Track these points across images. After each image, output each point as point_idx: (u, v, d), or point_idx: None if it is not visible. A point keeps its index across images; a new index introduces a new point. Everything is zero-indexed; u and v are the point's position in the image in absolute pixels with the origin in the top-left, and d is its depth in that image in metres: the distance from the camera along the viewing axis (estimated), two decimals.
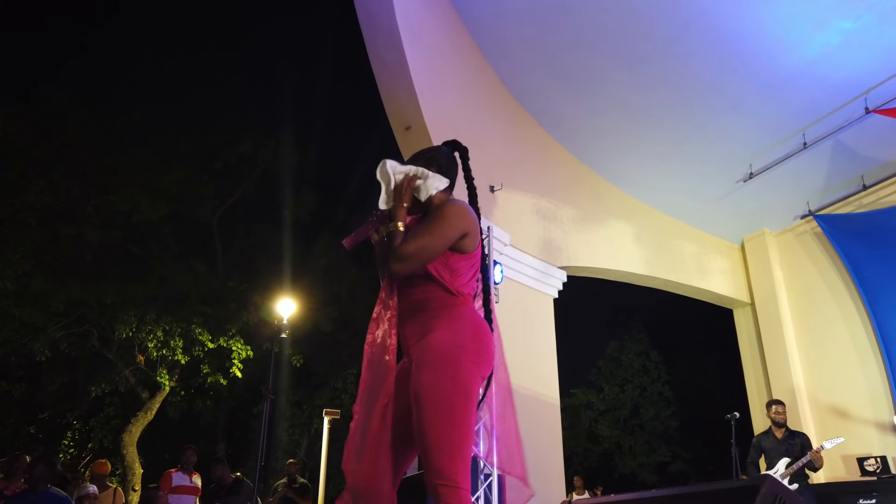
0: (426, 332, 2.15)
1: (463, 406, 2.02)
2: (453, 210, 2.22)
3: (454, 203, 2.26)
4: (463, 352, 2.10)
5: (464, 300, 2.23)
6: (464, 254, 2.24)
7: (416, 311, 2.22)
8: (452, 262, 2.23)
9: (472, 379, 2.09)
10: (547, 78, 7.85)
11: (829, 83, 7.41)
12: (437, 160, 2.41)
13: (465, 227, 2.21)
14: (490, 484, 4.78)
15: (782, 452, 6.08)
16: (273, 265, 14.38)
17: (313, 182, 15.82)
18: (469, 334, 2.15)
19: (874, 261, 8.37)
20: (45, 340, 11.66)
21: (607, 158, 8.85)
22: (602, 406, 20.46)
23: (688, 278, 9.51)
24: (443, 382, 2.03)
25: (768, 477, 2.54)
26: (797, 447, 6.06)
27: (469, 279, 2.27)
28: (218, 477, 6.89)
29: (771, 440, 6.27)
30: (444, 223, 2.18)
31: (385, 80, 6.52)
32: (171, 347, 11.94)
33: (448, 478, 1.94)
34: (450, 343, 2.11)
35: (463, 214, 2.23)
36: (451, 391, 2.02)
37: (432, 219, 2.21)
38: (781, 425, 6.26)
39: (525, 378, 7.00)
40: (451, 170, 2.43)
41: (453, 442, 1.98)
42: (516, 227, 7.45)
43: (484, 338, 2.20)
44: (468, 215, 2.24)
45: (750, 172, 8.63)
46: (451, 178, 2.41)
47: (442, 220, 2.19)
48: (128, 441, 12.21)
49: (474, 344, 2.14)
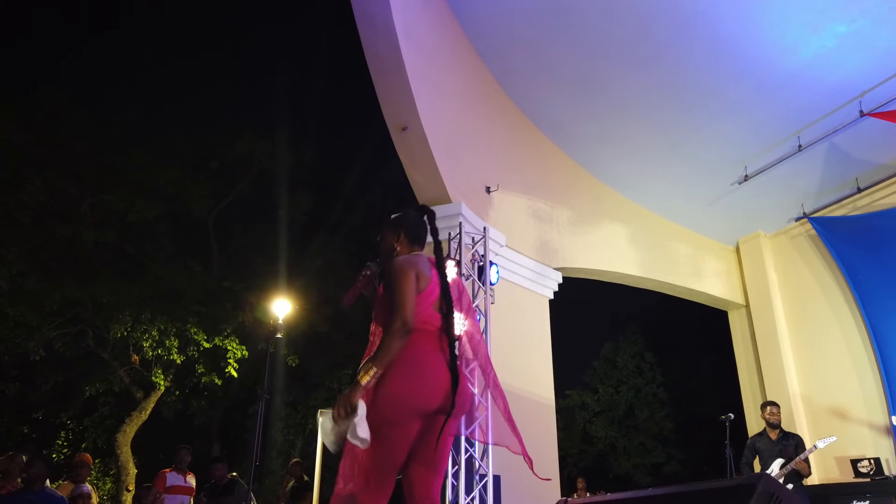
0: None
1: (383, 438, 2.37)
2: (398, 271, 2.57)
3: (395, 264, 2.61)
4: (388, 382, 2.43)
5: (418, 336, 2.53)
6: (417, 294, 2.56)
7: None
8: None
9: (394, 409, 2.41)
10: (543, 81, 7.87)
11: (823, 86, 7.45)
12: (405, 225, 2.81)
13: (412, 270, 2.56)
14: (485, 485, 4.79)
15: (776, 454, 6.11)
16: (268, 265, 14.36)
17: (309, 182, 15.82)
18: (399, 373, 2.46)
19: (868, 263, 8.41)
20: (40, 340, 11.63)
21: (603, 161, 8.87)
22: (597, 407, 20.46)
23: (683, 280, 9.55)
24: (373, 416, 2.37)
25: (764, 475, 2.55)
26: (791, 448, 6.09)
27: (423, 310, 2.58)
28: (217, 476, 6.88)
29: (765, 441, 6.30)
30: (398, 286, 2.52)
31: (382, 81, 6.52)
32: (167, 347, 11.91)
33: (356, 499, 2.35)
34: (384, 382, 2.44)
35: (406, 266, 2.58)
36: (377, 424, 2.36)
37: (393, 288, 2.55)
38: (776, 426, 6.29)
39: (520, 379, 7.02)
40: (420, 232, 2.83)
41: (366, 469, 2.38)
42: (512, 229, 7.46)
43: (419, 373, 2.49)
44: (410, 264, 2.59)
45: (745, 175, 8.66)
46: (420, 240, 2.81)
47: (395, 286, 2.54)
48: (122, 441, 12.18)
49: (404, 377, 2.46)
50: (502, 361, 6.38)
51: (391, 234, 2.83)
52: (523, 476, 6.36)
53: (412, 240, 2.82)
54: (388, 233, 2.84)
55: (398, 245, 2.81)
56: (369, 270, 2.84)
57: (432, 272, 2.68)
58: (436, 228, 2.86)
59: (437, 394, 2.50)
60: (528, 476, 6.47)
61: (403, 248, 2.80)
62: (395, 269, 2.60)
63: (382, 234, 2.88)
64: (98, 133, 12.55)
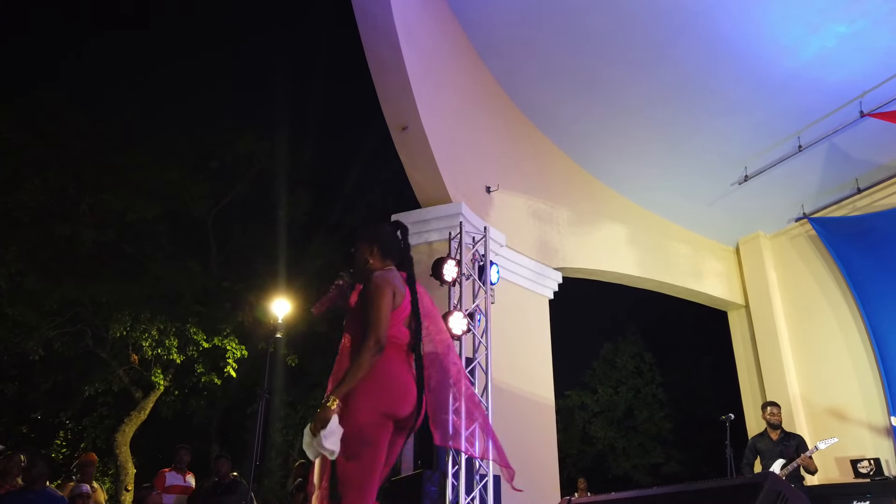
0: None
1: (356, 438, 2.49)
2: (377, 287, 2.68)
3: (375, 279, 2.72)
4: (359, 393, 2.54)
5: (388, 349, 2.63)
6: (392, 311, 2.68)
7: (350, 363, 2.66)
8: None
9: (367, 416, 2.54)
10: (543, 80, 7.87)
11: (824, 87, 7.46)
12: (379, 239, 2.91)
13: (390, 289, 2.68)
14: (485, 485, 4.78)
15: (777, 454, 6.11)
16: (268, 265, 14.34)
17: (308, 182, 15.80)
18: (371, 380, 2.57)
19: (868, 263, 8.41)
20: (39, 339, 11.60)
21: (603, 161, 8.87)
22: (596, 408, 20.46)
23: (682, 280, 9.55)
24: (346, 426, 2.49)
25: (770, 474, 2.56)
26: (792, 449, 6.09)
27: (395, 325, 2.70)
28: (221, 472, 6.89)
29: (766, 442, 6.29)
30: (376, 303, 2.64)
31: (382, 80, 6.52)
32: (166, 347, 11.90)
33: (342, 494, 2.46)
34: (358, 395, 2.55)
35: (385, 284, 2.69)
36: (351, 432, 2.49)
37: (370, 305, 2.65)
38: (776, 427, 6.28)
39: (520, 379, 7.01)
40: (393, 246, 2.92)
41: (346, 474, 2.49)
42: (512, 229, 7.46)
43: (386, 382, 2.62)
44: (388, 282, 2.71)
45: (745, 175, 8.66)
46: (392, 254, 2.90)
47: (373, 302, 2.64)
48: (121, 441, 12.16)
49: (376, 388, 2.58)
50: (502, 361, 6.38)
51: (365, 247, 2.92)
52: (523, 476, 6.35)
53: (385, 254, 2.90)
54: (362, 246, 2.93)
55: (371, 258, 2.89)
56: (342, 280, 2.93)
57: (405, 289, 2.80)
58: (408, 244, 2.96)
59: (406, 405, 2.66)
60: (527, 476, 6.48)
61: (376, 261, 2.89)
62: (375, 285, 2.70)
63: (356, 246, 2.96)
64: (97, 133, 12.53)
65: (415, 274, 2.91)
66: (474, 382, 5.18)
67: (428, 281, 5.91)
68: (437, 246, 6.63)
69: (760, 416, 6.98)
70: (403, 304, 2.76)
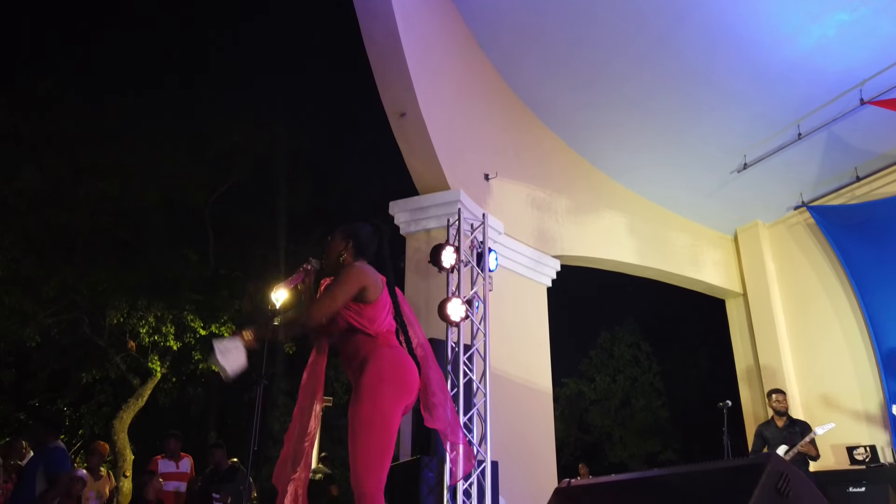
0: (360, 372, 2.73)
1: (380, 428, 2.61)
2: (348, 273, 2.79)
3: (351, 267, 2.83)
4: (382, 384, 2.68)
5: (384, 338, 2.80)
6: (371, 303, 2.79)
7: (351, 357, 2.81)
8: (366, 312, 2.79)
9: (391, 406, 2.67)
10: (542, 69, 7.83)
11: (824, 75, 7.42)
12: (355, 236, 3.00)
13: (360, 283, 2.77)
14: (483, 470, 4.80)
15: (782, 440, 6.14)
16: (265, 253, 14.33)
17: (306, 171, 15.75)
18: (387, 370, 2.72)
19: (866, 252, 8.41)
20: (36, 327, 11.59)
21: (602, 149, 8.85)
22: (593, 396, 20.55)
23: (680, 269, 9.55)
24: (365, 410, 2.63)
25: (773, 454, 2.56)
26: (797, 435, 6.13)
27: (383, 319, 2.83)
28: (216, 462, 6.90)
29: (772, 430, 6.33)
30: (341, 286, 2.75)
31: (380, 66, 6.48)
32: (163, 334, 11.90)
33: (361, 484, 2.55)
34: (371, 378, 2.68)
35: (357, 274, 2.79)
36: (371, 416, 2.62)
37: (334, 284, 2.80)
38: (783, 414, 6.32)
39: (518, 366, 7.02)
40: (369, 246, 3.01)
41: (368, 453, 2.58)
42: (511, 216, 7.45)
43: (401, 370, 2.76)
44: (362, 273, 2.80)
45: (744, 164, 8.64)
46: (366, 254, 2.99)
47: (340, 283, 2.76)
48: (119, 428, 12.18)
49: (392, 377, 2.71)
50: (500, 348, 6.39)
51: (340, 241, 3.01)
52: (521, 462, 6.39)
53: (358, 252, 2.98)
54: (338, 240, 3.02)
55: (345, 253, 2.97)
56: (309, 265, 3.02)
57: (384, 283, 2.90)
58: (386, 247, 3.07)
59: (415, 388, 2.82)
60: (525, 462, 6.51)
61: (349, 257, 2.97)
62: (350, 270, 2.81)
63: (332, 238, 3.05)
64: (93, 120, 12.47)
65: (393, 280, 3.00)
66: (472, 369, 5.19)
67: (426, 268, 5.90)
68: (435, 233, 6.61)
69: (766, 405, 7.01)
70: (384, 295, 2.86)
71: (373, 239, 3.04)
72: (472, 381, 5.16)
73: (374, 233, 3.06)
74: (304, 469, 2.83)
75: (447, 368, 5.09)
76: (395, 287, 3.04)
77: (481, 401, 5.11)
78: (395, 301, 2.95)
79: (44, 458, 4.81)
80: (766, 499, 2.42)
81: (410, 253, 6.81)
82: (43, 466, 4.76)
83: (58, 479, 4.78)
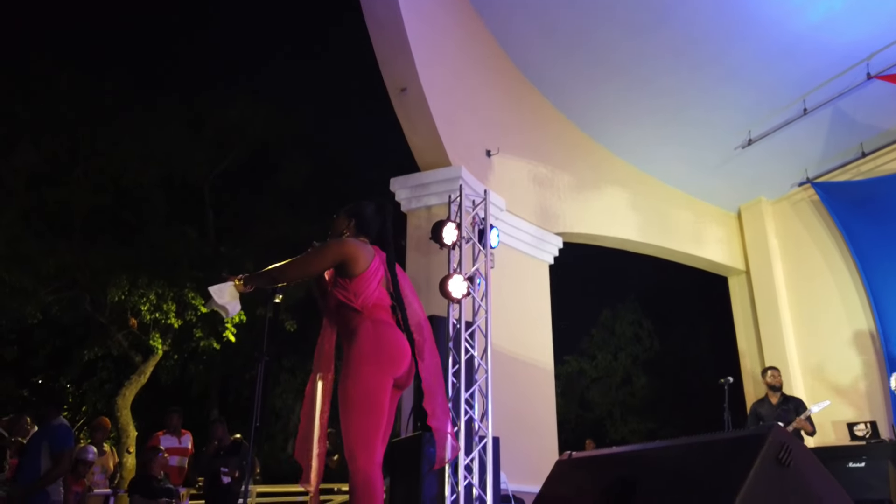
0: (348, 347, 2.81)
1: (365, 403, 2.67)
2: (329, 244, 2.90)
3: (334, 241, 2.94)
4: (364, 360, 2.72)
5: (368, 313, 2.82)
6: (355, 277, 2.84)
7: (342, 333, 2.90)
8: (352, 286, 2.84)
9: (375, 381, 2.71)
10: (545, 43, 7.72)
11: (830, 49, 7.32)
12: (358, 214, 3.08)
13: (339, 256, 2.84)
14: (485, 445, 4.80)
15: (776, 417, 6.16)
16: (265, 231, 14.29)
17: (306, 148, 15.64)
18: (369, 345, 2.75)
19: (870, 229, 8.37)
20: (37, 304, 11.59)
21: (605, 125, 8.76)
22: (594, 374, 20.61)
23: (683, 246, 9.51)
24: (349, 385, 2.68)
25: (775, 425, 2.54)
26: (791, 411, 6.15)
27: (370, 293, 2.85)
28: (218, 438, 6.96)
29: (766, 407, 6.35)
30: (318, 254, 2.86)
31: (380, 41, 6.39)
32: (164, 311, 11.90)
33: (351, 453, 2.63)
34: (355, 353, 2.74)
35: (337, 246, 2.87)
36: (354, 390, 2.68)
37: (313, 250, 2.89)
38: (777, 389, 6.33)
39: (520, 344, 7.01)
40: (372, 226, 3.07)
41: (355, 427, 2.64)
42: (512, 193, 7.40)
43: (385, 345, 2.77)
44: (344, 246, 2.87)
45: (748, 139, 8.56)
46: (368, 233, 3.05)
47: (318, 251, 2.87)
48: (121, 404, 12.23)
49: (375, 352, 2.74)
50: (501, 326, 6.37)
51: (344, 219, 3.10)
52: (522, 438, 6.40)
53: (360, 230, 3.05)
54: (341, 218, 3.11)
55: (347, 231, 3.06)
56: (312, 249, 3.02)
57: (375, 257, 2.93)
58: (389, 226, 3.13)
59: (403, 364, 2.83)
60: (526, 438, 6.52)
61: (351, 234, 3.05)
62: (332, 242, 2.92)
63: (337, 217, 3.14)
64: (90, 97, 12.38)
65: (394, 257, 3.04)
66: (474, 345, 5.17)
67: (428, 245, 5.86)
68: (436, 210, 6.57)
69: (760, 382, 7.01)
70: (371, 268, 2.88)
71: (376, 217, 3.10)
72: (474, 357, 5.15)
73: (378, 211, 3.12)
74: (321, 443, 2.88)
75: (448, 345, 5.07)
76: (397, 265, 3.04)
77: (482, 377, 5.10)
78: (394, 279, 2.97)
79: (48, 435, 4.82)
80: (768, 469, 2.41)
81: (411, 230, 6.77)
82: (48, 443, 4.77)
83: (62, 456, 4.80)
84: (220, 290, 2.83)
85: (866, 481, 6.38)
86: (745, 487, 2.35)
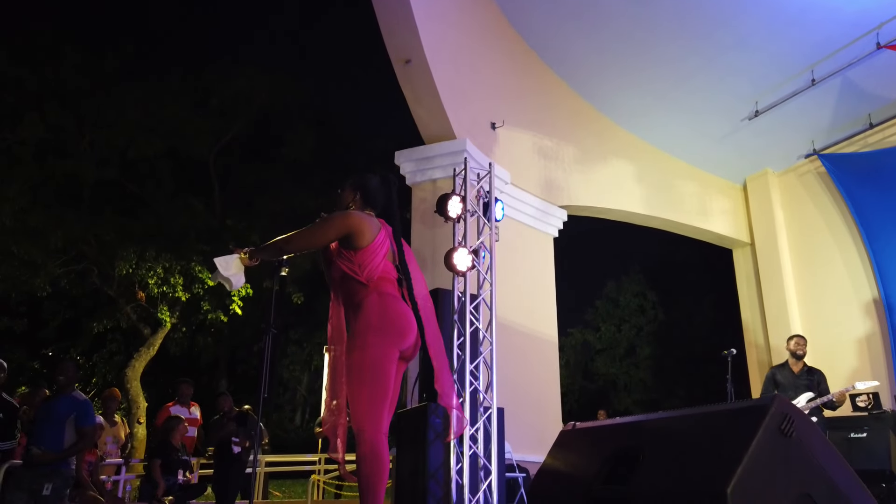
0: (353, 320, 2.84)
1: (371, 374, 2.70)
2: (333, 216, 2.90)
3: (340, 213, 2.94)
4: (369, 331, 2.75)
5: (374, 286, 2.84)
6: (360, 249, 2.86)
7: (348, 305, 2.92)
8: (357, 259, 2.86)
9: (381, 352, 2.74)
10: (550, 12, 7.63)
11: (840, 17, 7.20)
12: (363, 186, 3.09)
13: (343, 228, 2.86)
14: (489, 416, 4.86)
15: (799, 387, 6.15)
16: (271, 203, 14.30)
17: (311, 119, 15.56)
18: (375, 317, 2.78)
19: (876, 201, 8.32)
20: (45, 277, 11.68)
21: (610, 95, 8.69)
22: (599, 345, 20.73)
23: (688, 218, 9.48)
24: (356, 356, 2.73)
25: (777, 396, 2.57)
26: (814, 384, 6.12)
27: (376, 265, 2.87)
28: (225, 408, 7.06)
29: (787, 374, 6.30)
30: (322, 226, 2.88)
31: (384, 12, 6.33)
32: (171, 284, 11.98)
33: (358, 423, 2.67)
34: (361, 325, 2.78)
35: (341, 218, 2.89)
36: (360, 361, 2.72)
37: (318, 222, 2.90)
38: (800, 358, 6.28)
39: (524, 316, 7.05)
40: (378, 196, 3.10)
41: (362, 398, 2.68)
42: (517, 166, 7.37)
43: (391, 316, 2.80)
44: (349, 218, 2.89)
45: (755, 110, 8.48)
46: (374, 205, 3.08)
47: (323, 223, 2.89)
48: (131, 376, 12.38)
49: (380, 323, 2.77)
50: (506, 298, 6.40)
51: (349, 192, 3.12)
52: (527, 409, 6.48)
53: (366, 202, 3.08)
54: (347, 191, 3.13)
55: (353, 204, 3.09)
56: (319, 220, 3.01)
57: (381, 230, 2.95)
58: (395, 198, 3.12)
59: (409, 336, 2.85)
60: (530, 409, 6.59)
61: (357, 207, 3.07)
62: (337, 214, 2.92)
63: (342, 190, 3.16)
64: (95, 69, 12.32)
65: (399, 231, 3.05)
66: (479, 318, 5.20)
67: (433, 218, 5.87)
68: (441, 183, 6.56)
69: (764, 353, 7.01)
70: (377, 241, 2.90)
71: (381, 190, 3.12)
72: (479, 329, 5.18)
73: (383, 184, 3.13)
74: (342, 414, 2.90)
75: (453, 318, 5.11)
76: (402, 240, 3.06)
77: (487, 349, 5.15)
78: (400, 253, 2.98)
79: (76, 407, 4.92)
80: (770, 440, 2.44)
81: (416, 203, 6.77)
82: (75, 416, 4.88)
83: (88, 432, 4.96)
84: (227, 262, 2.88)
85: (868, 451, 6.43)
86: (747, 457, 2.37)
